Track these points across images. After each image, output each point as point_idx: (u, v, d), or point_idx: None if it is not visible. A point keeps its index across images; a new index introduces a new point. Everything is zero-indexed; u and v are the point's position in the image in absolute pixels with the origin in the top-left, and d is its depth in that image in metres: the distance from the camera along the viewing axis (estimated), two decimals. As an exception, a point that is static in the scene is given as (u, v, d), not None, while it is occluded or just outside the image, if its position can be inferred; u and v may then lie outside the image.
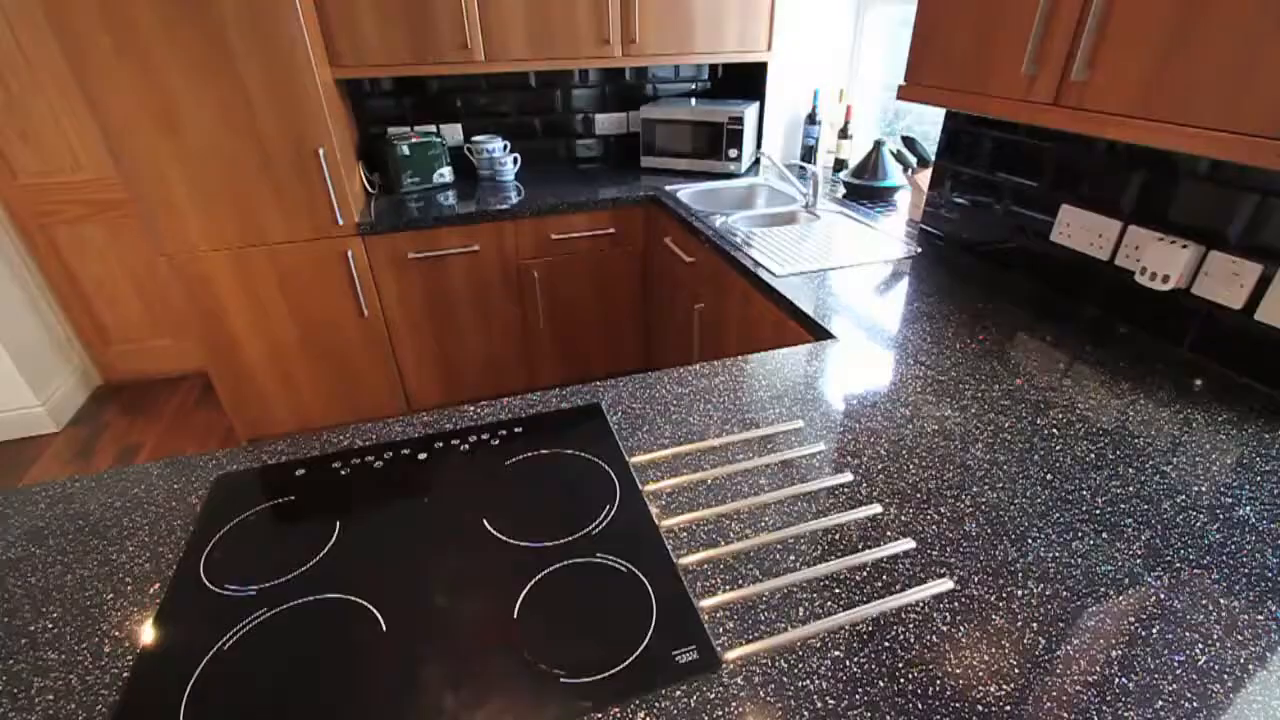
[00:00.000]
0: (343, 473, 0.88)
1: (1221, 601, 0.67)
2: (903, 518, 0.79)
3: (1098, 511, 0.80)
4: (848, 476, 0.86)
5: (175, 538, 0.78)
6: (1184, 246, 1.11)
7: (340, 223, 2.00)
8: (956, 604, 0.68)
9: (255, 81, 1.75)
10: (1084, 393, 1.04)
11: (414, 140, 2.26)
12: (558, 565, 0.72)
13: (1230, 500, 0.81)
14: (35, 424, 2.50)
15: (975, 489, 0.84)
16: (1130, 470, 0.87)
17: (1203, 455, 0.90)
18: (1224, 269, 1.07)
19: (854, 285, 1.45)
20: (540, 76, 2.52)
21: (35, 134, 2.33)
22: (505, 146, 2.46)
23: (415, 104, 2.43)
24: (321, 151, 1.89)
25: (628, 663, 0.61)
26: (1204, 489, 0.83)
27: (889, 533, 0.77)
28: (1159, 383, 1.07)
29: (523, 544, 0.75)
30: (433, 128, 2.48)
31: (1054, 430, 0.95)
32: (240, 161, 1.84)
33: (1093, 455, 0.90)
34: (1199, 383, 1.07)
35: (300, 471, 0.88)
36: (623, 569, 0.72)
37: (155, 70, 1.68)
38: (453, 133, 2.51)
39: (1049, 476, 0.86)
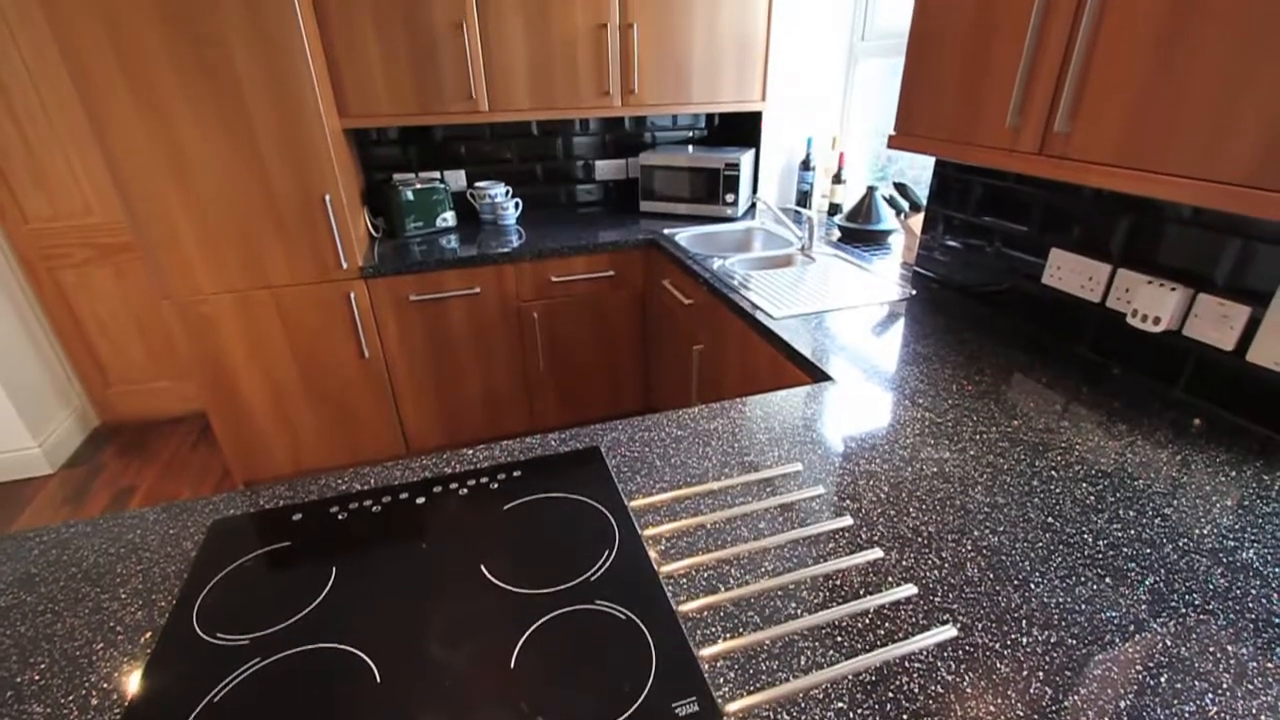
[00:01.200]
0: (340, 517, 0.87)
1: (1230, 649, 0.66)
2: (904, 562, 0.78)
3: (1100, 555, 0.79)
4: (848, 520, 0.86)
5: (169, 584, 0.77)
6: (1173, 289, 1.13)
7: (344, 266, 2.03)
8: (960, 652, 0.67)
9: (266, 131, 1.81)
10: (1081, 434, 1.05)
11: (418, 186, 2.32)
12: (556, 613, 0.71)
13: (1233, 544, 0.81)
14: (31, 466, 2.48)
15: (976, 532, 0.83)
16: (1131, 513, 0.87)
17: (1203, 497, 0.89)
18: (1213, 311, 1.09)
19: (850, 327, 1.47)
20: (542, 125, 2.60)
21: (49, 181, 2.39)
22: (507, 191, 2.52)
23: (420, 151, 2.50)
24: (328, 198, 1.93)
25: (627, 715, 0.60)
26: (1206, 532, 0.83)
27: (890, 578, 0.76)
28: (1156, 424, 1.07)
29: (520, 591, 0.75)
30: (436, 174, 2.54)
31: (1053, 472, 0.95)
32: (248, 207, 1.89)
33: (1092, 498, 0.89)
34: (1197, 422, 1.08)
35: (297, 516, 0.88)
36: (622, 616, 0.71)
37: (169, 119, 1.73)
38: (456, 178, 2.58)
39: (1049, 519, 0.85)
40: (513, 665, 0.65)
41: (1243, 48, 0.77)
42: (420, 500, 0.90)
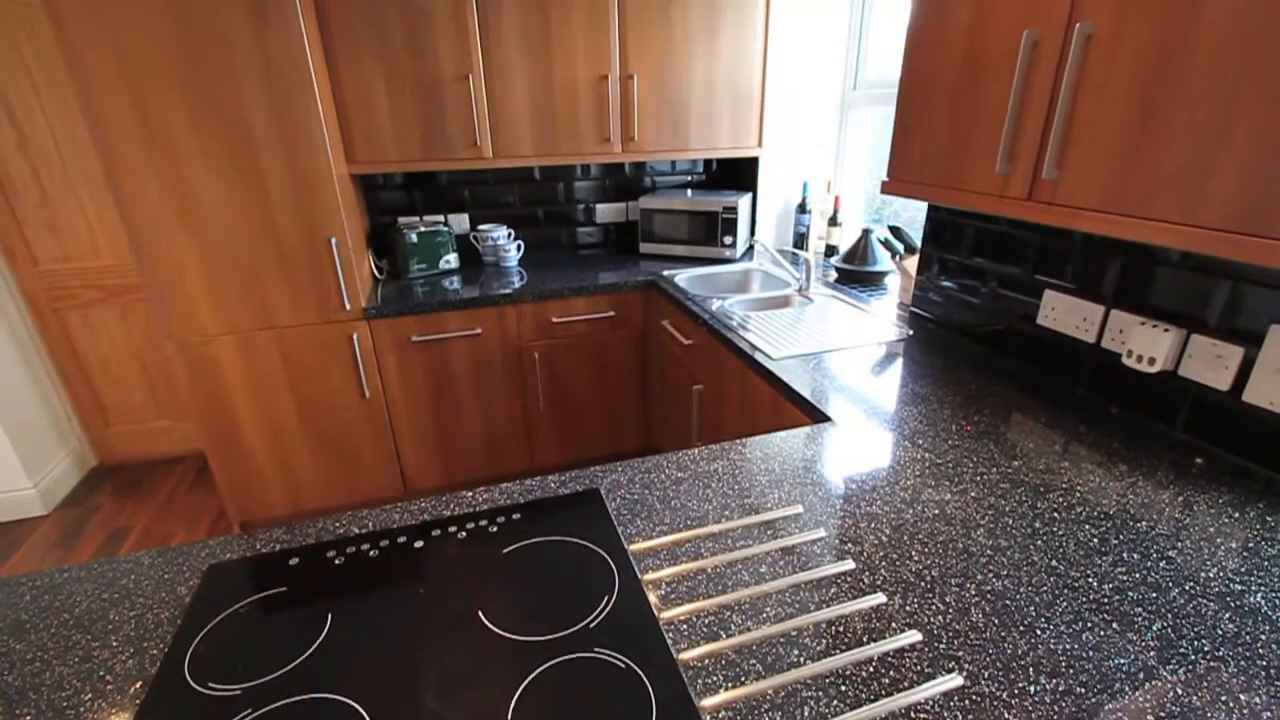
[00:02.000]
0: (337, 562, 0.86)
1: (1242, 698, 0.65)
2: (907, 608, 0.77)
3: (1106, 600, 0.78)
4: (849, 564, 0.85)
5: (162, 631, 0.76)
6: (1166, 330, 1.14)
7: (347, 307, 2.05)
8: (967, 702, 0.65)
9: (275, 176, 1.86)
10: (1082, 475, 1.04)
11: (422, 229, 2.36)
12: (554, 661, 0.70)
13: (1240, 587, 0.80)
14: (25, 507, 2.46)
15: (980, 576, 0.82)
16: (1135, 556, 0.86)
17: (1207, 540, 0.89)
18: (1207, 352, 1.10)
19: (849, 367, 1.48)
20: (544, 170, 2.67)
21: (61, 223, 2.44)
22: (509, 234, 2.56)
23: (425, 195, 2.56)
24: (333, 241, 1.97)
25: (626, 769, 0.58)
26: (1212, 575, 0.82)
27: (894, 624, 0.75)
28: (1156, 464, 1.07)
29: (519, 638, 0.73)
30: (441, 217, 2.60)
31: (1055, 514, 0.94)
32: (254, 249, 1.92)
33: (1096, 540, 0.89)
34: (1199, 461, 1.07)
35: (294, 560, 0.87)
36: (621, 665, 0.69)
37: (180, 164, 1.78)
38: (459, 222, 2.63)
39: (1053, 563, 0.85)
40: (510, 717, 0.64)
41: (1218, 101, 0.80)
42: (418, 544, 0.90)
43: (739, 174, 2.74)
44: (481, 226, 2.58)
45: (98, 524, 2.44)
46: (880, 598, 0.79)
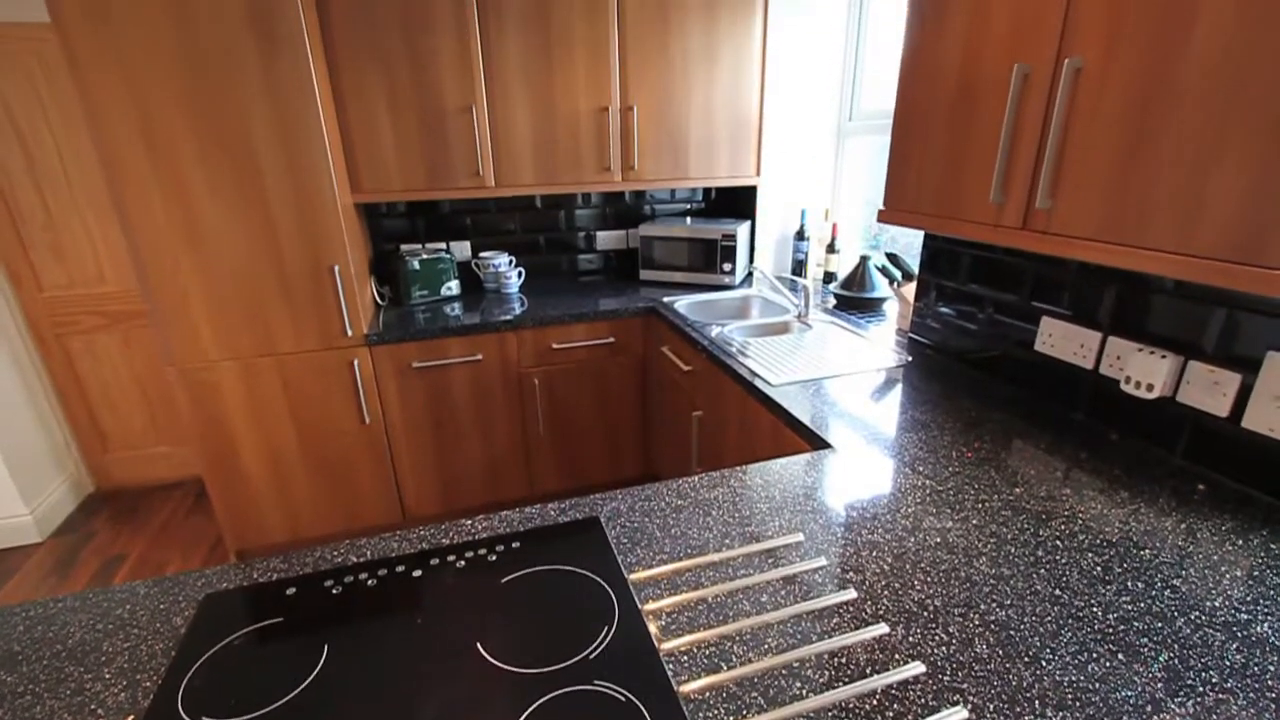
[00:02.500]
0: (335, 591, 0.86)
1: (1252, 732, 0.64)
2: (910, 638, 0.77)
3: (1111, 630, 0.77)
4: (851, 594, 0.84)
5: (156, 663, 0.75)
6: (1163, 357, 1.15)
7: (349, 334, 2.07)
8: (973, 736, 0.64)
9: (280, 204, 1.89)
10: (1084, 502, 1.04)
11: (424, 256, 2.39)
12: (553, 694, 0.69)
13: (1246, 617, 0.79)
14: (19, 534, 2.44)
15: (983, 606, 0.82)
16: (1139, 584, 0.85)
17: (1211, 568, 0.88)
18: (1204, 378, 1.10)
19: (849, 394, 1.48)
20: (545, 198, 2.71)
21: (67, 249, 2.46)
22: (510, 261, 2.59)
23: (428, 223, 2.59)
24: (336, 268, 1.99)
25: (626, 806, 0.57)
26: (1218, 604, 0.81)
27: (898, 655, 0.74)
28: (1158, 491, 1.07)
29: (517, 670, 0.72)
30: (443, 245, 2.63)
31: (1058, 542, 0.94)
32: (258, 276, 1.94)
33: (1099, 568, 0.88)
34: (1201, 488, 1.07)
35: (291, 590, 0.86)
36: (621, 698, 0.68)
37: (186, 191, 1.81)
38: (461, 249, 2.66)
39: (1057, 592, 0.84)
40: (508, 751, 0.63)
41: (1207, 133, 0.82)
42: (417, 573, 0.89)
43: (738, 202, 2.78)
44: (483, 254, 2.61)
45: (92, 551, 2.42)
46: (883, 628, 0.78)
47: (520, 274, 2.60)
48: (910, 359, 1.69)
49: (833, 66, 2.52)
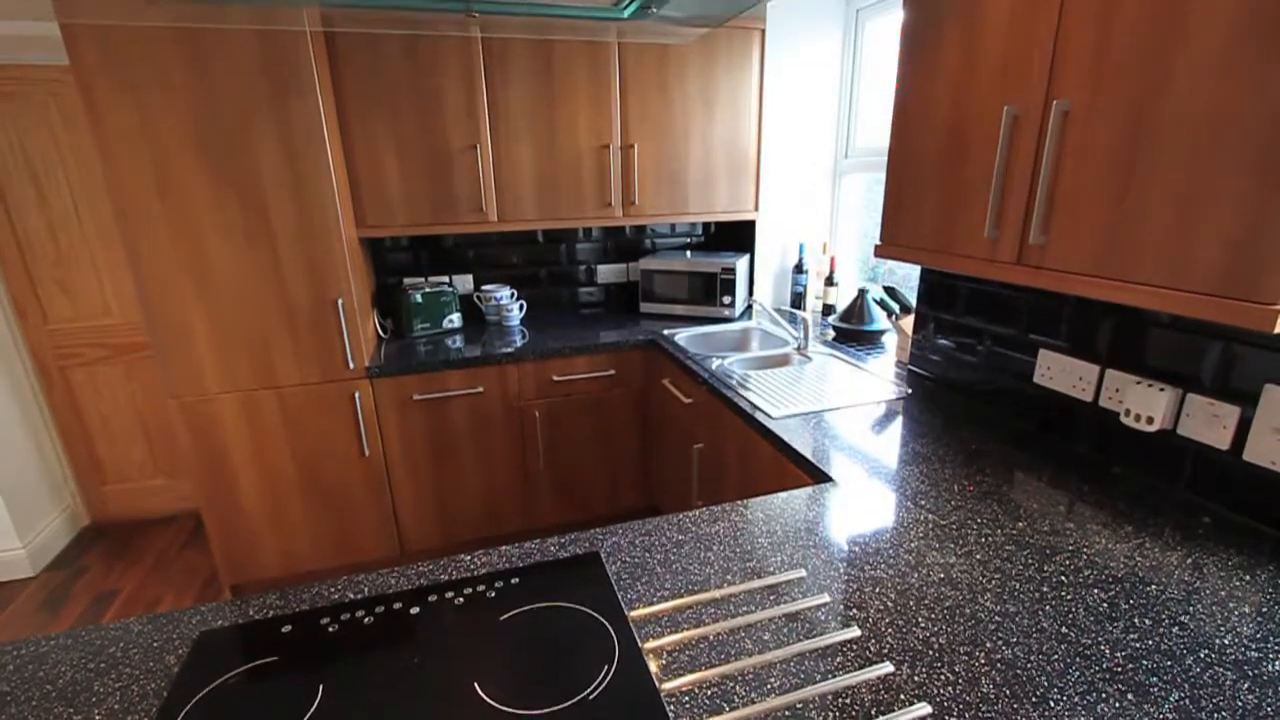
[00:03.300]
0: (331, 629, 0.85)
1: (1268, 776, 0.62)
2: (915, 678, 0.75)
3: (1119, 669, 0.76)
4: (855, 631, 0.83)
5: (148, 704, 0.74)
6: (1162, 390, 1.15)
7: (351, 366, 2.07)
8: (982, 780, 0.63)
9: (286, 240, 1.92)
10: (1088, 536, 1.03)
11: (427, 289, 2.41)
12: (552, 735, 0.68)
13: (1256, 654, 0.78)
14: (12, 568, 2.41)
15: (989, 644, 0.80)
16: (1147, 621, 0.84)
17: (1219, 604, 0.87)
18: (1204, 411, 1.11)
19: (849, 426, 1.48)
20: (547, 233, 2.75)
21: (73, 282, 2.49)
22: (512, 294, 2.61)
23: (431, 256, 2.63)
24: (340, 301, 2.01)
25: None
26: (1227, 642, 0.80)
27: (903, 696, 0.73)
28: (1162, 525, 1.06)
29: (515, 711, 0.71)
30: (446, 278, 2.65)
31: (1063, 578, 0.93)
32: (263, 310, 1.96)
33: (1105, 605, 0.87)
34: (1206, 520, 1.06)
35: (286, 628, 0.85)
36: (621, 739, 0.67)
37: (196, 229, 1.84)
38: (464, 282, 2.69)
39: (1064, 629, 0.83)
40: (505, 796, 0.61)
41: (1194, 171, 0.84)
42: (414, 610, 0.88)
43: (737, 236, 2.82)
44: (485, 287, 2.64)
45: (85, 586, 2.38)
46: (887, 667, 0.77)
47: (522, 306, 2.63)
48: (910, 391, 1.69)
49: (828, 106, 2.59)
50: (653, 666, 0.77)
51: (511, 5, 1.20)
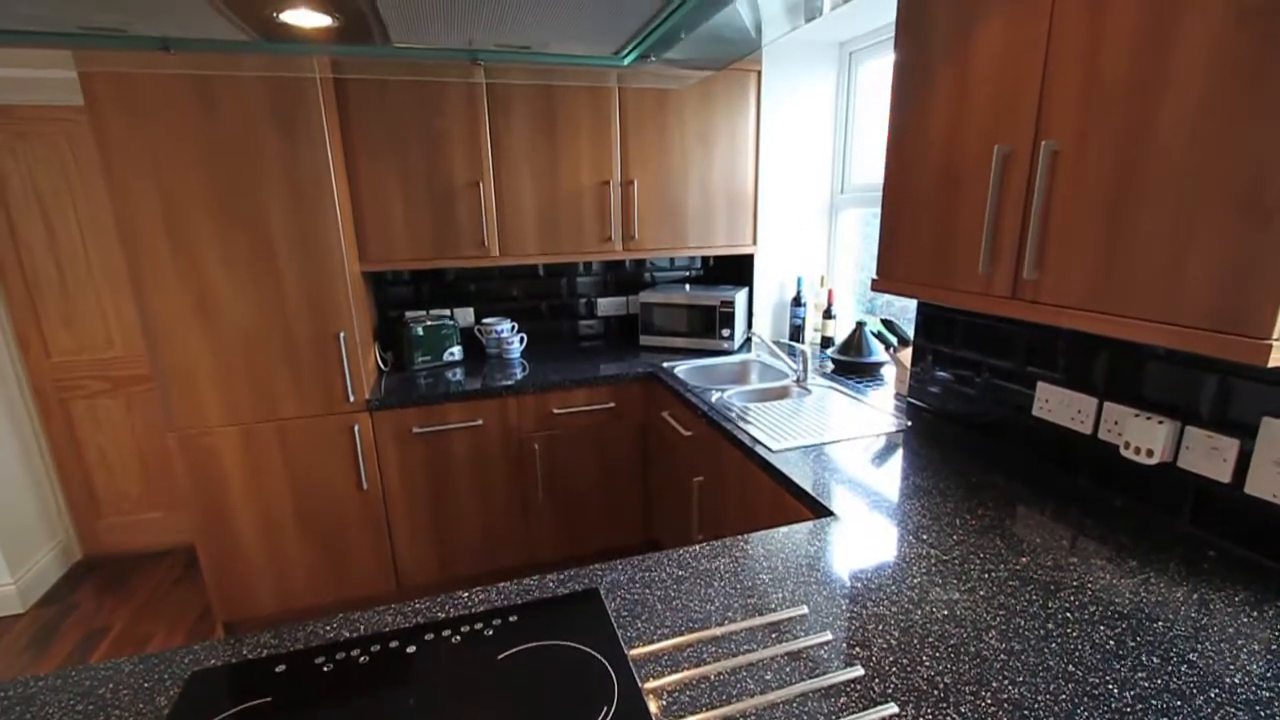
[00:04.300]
0: (326, 669, 0.83)
1: (1284, 822, 0.61)
2: (921, 719, 0.74)
3: (1129, 710, 0.74)
4: (859, 670, 0.81)
5: (136, 748, 0.72)
6: (1160, 422, 1.15)
7: (351, 399, 2.08)
8: (991, 827, 0.61)
9: (291, 275, 1.94)
10: (1092, 571, 1.02)
11: (428, 322, 2.43)
12: (549, 780, 0.66)
13: (1268, 694, 0.76)
14: (2, 605, 2.37)
15: (995, 683, 0.79)
16: (1155, 659, 0.83)
17: (1228, 641, 0.86)
18: (1203, 444, 1.11)
19: (850, 459, 1.48)
20: (548, 267, 2.78)
21: (78, 317, 2.51)
22: (512, 327, 2.63)
23: (432, 290, 2.65)
24: (342, 335, 2.02)
25: None
26: (1238, 681, 0.79)
27: (908, 737, 0.71)
28: (1166, 559, 1.05)
29: (512, 753, 0.70)
30: (447, 311, 2.68)
31: (1068, 614, 0.92)
32: (265, 344, 1.97)
33: (1112, 642, 0.86)
34: (1210, 555, 1.05)
35: (280, 668, 0.84)
36: (621, 784, 0.65)
37: (201, 265, 1.86)
38: (465, 315, 2.71)
39: (1070, 668, 0.81)
40: (501, 845, 0.59)
41: (1181, 208, 0.86)
42: (411, 649, 0.87)
43: (735, 269, 2.85)
44: (486, 320, 2.66)
45: (74, 623, 2.34)
46: (892, 708, 0.75)
47: (522, 339, 2.64)
48: (909, 423, 1.69)
49: (824, 143, 2.65)
50: (653, 707, 0.76)
51: (515, 53, 1.24)
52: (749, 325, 2.76)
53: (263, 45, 1.10)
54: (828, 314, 2.57)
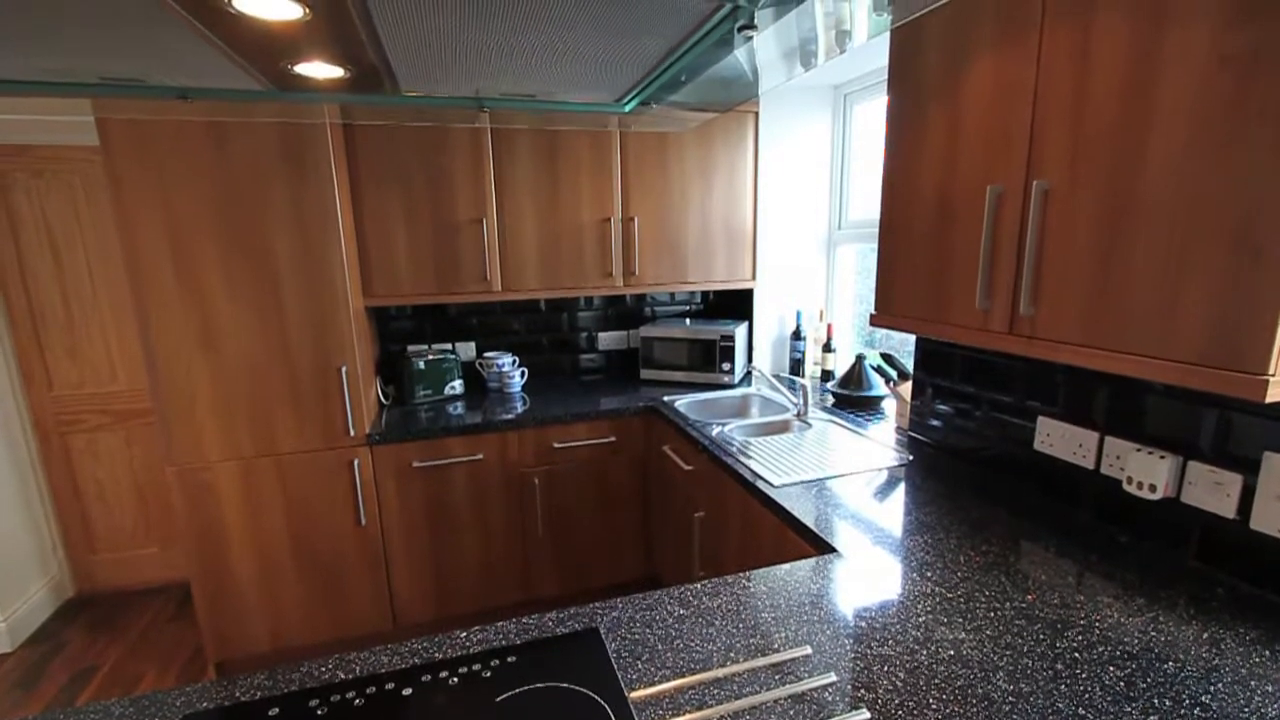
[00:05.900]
0: (320, 712, 0.81)
1: None
2: (929, 764, 0.72)
3: (1142, 755, 0.73)
4: (865, 714, 0.80)
5: (124, 795, 0.70)
6: (1162, 457, 1.15)
7: (352, 433, 2.07)
8: None
9: (295, 310, 1.96)
10: (1099, 610, 1.01)
11: (430, 356, 2.44)
12: (548, 830, 0.64)
13: (1284, 740, 0.75)
14: (-11, 646, 2.32)
15: (1004, 727, 0.77)
16: (1167, 702, 0.81)
17: (1240, 682, 0.84)
18: (1206, 479, 1.10)
19: (851, 495, 1.47)
20: (549, 301, 2.81)
21: (81, 350, 2.53)
22: (514, 361, 2.64)
23: (434, 324, 2.67)
24: (344, 369, 2.03)
25: None
26: (1252, 726, 0.77)
27: (916, 784, 0.69)
28: (1174, 596, 1.04)
29: (510, 801, 0.68)
30: (449, 345, 2.69)
31: (1076, 654, 0.90)
32: (268, 377, 1.98)
33: (1122, 684, 0.84)
34: (1219, 592, 1.04)
35: (274, 711, 0.82)
36: (621, 834, 0.63)
37: (206, 299, 1.89)
38: (466, 349, 2.72)
39: (1081, 711, 0.79)
40: None
41: (1172, 245, 0.88)
42: (406, 691, 0.85)
43: (736, 303, 2.87)
44: (487, 354, 2.67)
45: (62, 663, 2.29)
46: (899, 753, 0.73)
47: (523, 373, 2.65)
48: (911, 457, 1.68)
49: (821, 181, 2.71)
50: (654, 752, 0.74)
51: (520, 101, 1.28)
52: (749, 359, 2.77)
53: (276, 94, 1.14)
54: (827, 348, 2.58)
